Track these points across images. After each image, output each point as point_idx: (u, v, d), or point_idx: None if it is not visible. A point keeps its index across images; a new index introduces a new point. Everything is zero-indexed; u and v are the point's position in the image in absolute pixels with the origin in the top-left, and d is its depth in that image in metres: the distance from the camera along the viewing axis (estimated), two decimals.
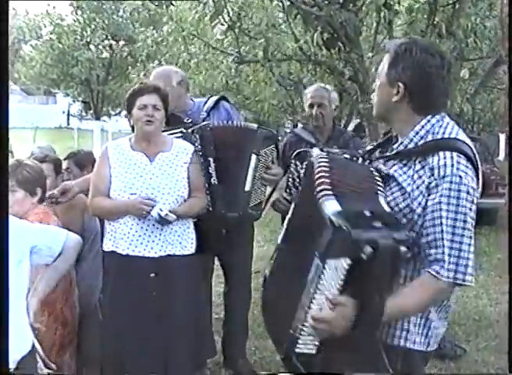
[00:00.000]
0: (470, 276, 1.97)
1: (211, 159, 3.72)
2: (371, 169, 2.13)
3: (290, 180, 2.50)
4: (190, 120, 3.93)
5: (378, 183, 2.07)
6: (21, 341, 2.62)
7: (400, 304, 1.97)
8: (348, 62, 4.02)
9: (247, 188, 3.63)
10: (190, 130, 3.75)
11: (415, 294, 2.00)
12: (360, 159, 2.23)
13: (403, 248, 1.84)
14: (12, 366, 2.50)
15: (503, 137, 21.10)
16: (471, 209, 1.99)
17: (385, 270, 1.86)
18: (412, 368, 2.13)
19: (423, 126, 2.09)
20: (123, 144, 3.58)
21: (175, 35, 8.64)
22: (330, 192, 1.97)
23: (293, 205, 2.34)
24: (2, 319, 1.80)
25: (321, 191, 1.99)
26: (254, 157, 3.59)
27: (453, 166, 1.98)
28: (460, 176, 1.97)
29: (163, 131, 3.71)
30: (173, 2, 6.93)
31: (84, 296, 3.64)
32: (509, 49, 3.50)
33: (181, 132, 3.77)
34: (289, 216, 2.32)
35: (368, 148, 2.32)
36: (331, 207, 1.92)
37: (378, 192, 2.04)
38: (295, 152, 2.49)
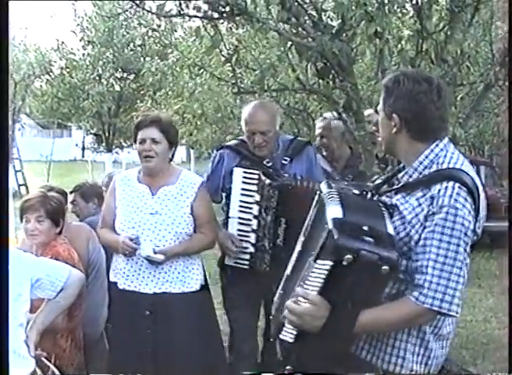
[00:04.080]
0: (456, 306, 2.02)
1: (283, 220, 3.53)
2: (380, 204, 2.19)
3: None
4: (270, 163, 3.68)
5: (385, 210, 2.14)
6: (18, 369, 2.67)
7: (376, 317, 2.03)
8: (342, 91, 4.11)
9: None
10: (267, 182, 3.50)
11: (392, 312, 2.06)
12: (369, 194, 2.26)
13: (384, 267, 1.91)
14: None
15: None
16: (465, 242, 2.03)
17: (364, 282, 1.96)
18: None
19: (427, 156, 2.16)
20: (131, 175, 3.55)
21: (180, 65, 8.77)
22: (338, 200, 2.09)
23: (302, 239, 2.41)
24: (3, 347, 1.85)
25: (331, 197, 2.12)
26: None
27: (451, 196, 2.03)
28: (457, 208, 2.02)
29: (237, 166, 3.55)
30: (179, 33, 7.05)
31: (86, 327, 3.69)
32: (509, 61, 3.55)
33: (258, 175, 3.54)
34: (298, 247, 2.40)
35: (377, 181, 2.38)
36: (333, 212, 2.03)
37: (385, 214, 2.11)
38: None
